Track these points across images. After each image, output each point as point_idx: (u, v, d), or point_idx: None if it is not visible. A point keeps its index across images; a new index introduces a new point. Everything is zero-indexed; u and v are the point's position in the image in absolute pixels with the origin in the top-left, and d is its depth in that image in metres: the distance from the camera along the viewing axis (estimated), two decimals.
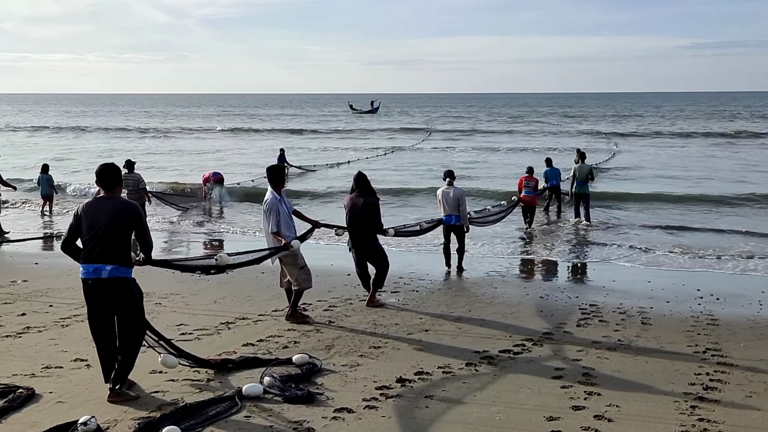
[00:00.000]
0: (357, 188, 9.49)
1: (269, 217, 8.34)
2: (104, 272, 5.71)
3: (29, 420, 5.50)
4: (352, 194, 9.56)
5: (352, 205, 9.44)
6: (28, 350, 7.34)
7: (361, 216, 9.33)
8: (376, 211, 9.43)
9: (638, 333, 8.22)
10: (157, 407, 5.72)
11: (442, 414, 5.71)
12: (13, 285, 10.60)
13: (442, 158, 34.99)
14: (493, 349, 7.47)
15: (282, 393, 5.97)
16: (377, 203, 9.51)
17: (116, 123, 70.68)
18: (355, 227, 9.42)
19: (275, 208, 8.33)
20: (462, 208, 11.77)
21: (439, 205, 12.05)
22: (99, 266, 5.70)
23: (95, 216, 5.71)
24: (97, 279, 5.71)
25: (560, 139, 46.87)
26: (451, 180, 11.90)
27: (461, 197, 11.83)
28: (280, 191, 8.51)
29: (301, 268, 8.47)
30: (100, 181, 5.84)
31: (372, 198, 9.44)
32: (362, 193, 9.42)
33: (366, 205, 9.32)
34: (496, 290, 10.58)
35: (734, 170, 29.00)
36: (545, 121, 69.75)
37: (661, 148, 40.01)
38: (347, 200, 9.60)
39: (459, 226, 11.88)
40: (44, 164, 19.90)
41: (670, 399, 6.08)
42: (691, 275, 11.89)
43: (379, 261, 9.51)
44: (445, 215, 11.92)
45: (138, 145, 45.98)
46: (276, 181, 8.54)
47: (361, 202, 9.35)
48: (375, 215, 9.39)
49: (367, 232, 9.41)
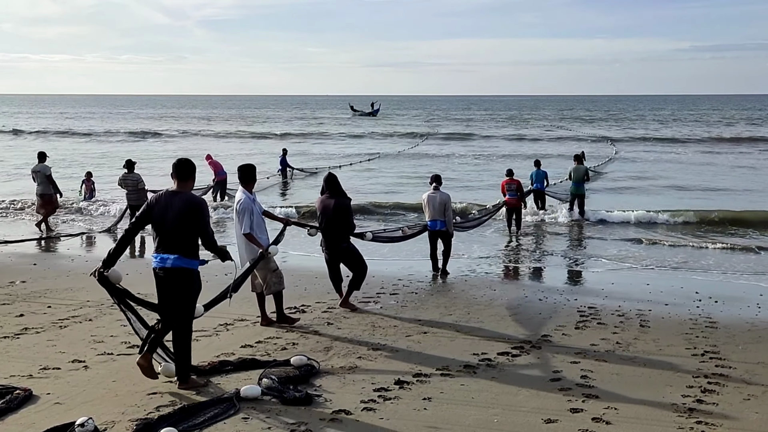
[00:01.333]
0: (328, 189, 9.29)
1: (243, 218, 8.08)
2: (168, 261, 6.05)
3: (27, 421, 5.50)
4: (323, 195, 9.38)
5: (323, 206, 9.28)
6: (25, 351, 7.33)
7: (333, 218, 9.16)
8: (348, 212, 9.28)
9: (636, 336, 8.22)
10: (155, 408, 5.72)
11: (441, 416, 5.71)
12: (12, 286, 10.59)
13: (431, 166, 34.43)
14: (492, 352, 7.47)
15: (280, 395, 5.97)
16: (348, 205, 9.34)
17: (114, 126, 69.95)
18: (328, 229, 9.25)
19: (249, 208, 8.08)
20: (448, 213, 11.67)
21: (425, 209, 11.88)
22: (165, 256, 6.06)
23: (165, 208, 6.05)
24: (163, 268, 6.08)
25: (564, 144, 44.73)
26: (437, 185, 11.73)
27: (447, 202, 11.69)
28: (252, 190, 8.32)
29: (273, 271, 8.32)
30: (176, 173, 6.21)
31: (343, 199, 9.26)
32: (333, 195, 9.24)
33: (337, 207, 9.15)
34: (494, 292, 10.58)
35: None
36: (553, 125, 68.55)
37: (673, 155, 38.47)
38: (318, 202, 9.44)
39: (445, 231, 11.77)
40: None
41: (668, 402, 6.08)
42: (689, 278, 11.89)
43: (355, 263, 9.35)
44: (430, 220, 11.77)
45: (137, 148, 45.85)
46: (248, 179, 8.30)
47: (332, 203, 9.17)
48: (347, 217, 9.24)
49: (340, 234, 9.25)
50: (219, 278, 9.19)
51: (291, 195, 24.17)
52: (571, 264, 13.32)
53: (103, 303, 9.43)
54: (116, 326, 8.29)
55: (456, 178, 27.17)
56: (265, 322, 8.43)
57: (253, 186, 8.37)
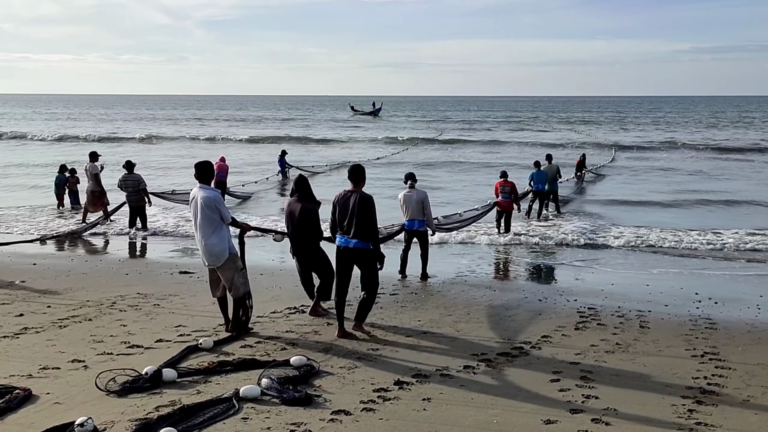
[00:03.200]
0: (297, 192, 8.90)
1: (224, 207, 7.75)
2: (351, 243, 7.81)
3: (26, 421, 5.49)
4: (292, 198, 8.99)
5: (290, 211, 8.89)
6: (25, 351, 7.33)
7: (299, 223, 8.77)
8: (315, 218, 8.80)
9: (636, 337, 8.22)
10: (154, 408, 5.71)
11: (440, 417, 5.71)
12: (11, 285, 10.60)
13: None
14: (491, 352, 7.47)
15: (279, 395, 5.97)
16: (316, 210, 8.85)
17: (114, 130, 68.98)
18: (295, 234, 8.87)
19: (221, 199, 7.80)
20: (426, 211, 11.41)
21: (402, 209, 11.59)
22: (349, 239, 7.83)
23: (345, 205, 7.86)
24: (346, 247, 7.85)
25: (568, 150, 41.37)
26: (412, 183, 11.49)
27: (425, 200, 11.41)
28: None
29: (240, 270, 7.95)
30: (351, 177, 8.03)
31: (310, 204, 8.81)
32: (301, 198, 8.83)
33: (303, 212, 8.74)
34: (494, 293, 10.58)
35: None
36: (555, 128, 66.63)
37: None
38: (286, 205, 9.06)
39: (423, 232, 11.48)
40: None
41: (667, 402, 6.08)
42: (689, 279, 11.89)
43: (322, 269, 8.89)
44: (407, 220, 11.49)
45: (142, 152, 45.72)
46: (207, 177, 7.87)
47: (299, 208, 8.77)
48: (313, 223, 8.78)
49: (308, 240, 8.86)
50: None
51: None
52: (570, 264, 13.30)
53: (103, 303, 9.45)
54: (116, 326, 8.29)
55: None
56: (229, 327, 8.08)
57: (211, 184, 7.95)
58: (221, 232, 7.76)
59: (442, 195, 22.37)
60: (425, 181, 22.44)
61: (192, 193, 7.92)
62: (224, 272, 7.86)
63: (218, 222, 7.73)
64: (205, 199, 7.69)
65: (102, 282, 10.93)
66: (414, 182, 11.50)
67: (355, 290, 8.53)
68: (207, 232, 7.73)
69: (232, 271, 7.86)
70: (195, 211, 7.79)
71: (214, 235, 7.73)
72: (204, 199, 7.69)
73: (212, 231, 7.72)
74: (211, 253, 7.77)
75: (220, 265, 7.81)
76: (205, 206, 7.67)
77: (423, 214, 11.35)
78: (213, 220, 7.70)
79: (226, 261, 7.80)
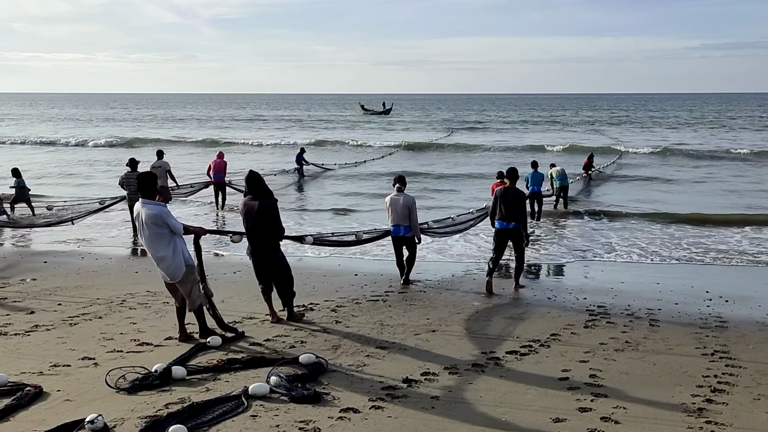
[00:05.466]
0: (250, 191, 8.41)
1: (172, 220, 7.32)
2: (401, 231, 10.68)
3: (37, 418, 5.53)
4: (245, 197, 8.49)
5: (246, 210, 8.35)
6: (36, 348, 7.38)
7: (257, 222, 8.23)
8: (274, 214, 8.29)
9: (646, 335, 8.19)
10: (164, 406, 5.74)
11: (449, 415, 5.71)
12: (23, 283, 10.67)
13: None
14: (500, 350, 7.46)
15: (288, 392, 5.98)
16: (275, 205, 8.35)
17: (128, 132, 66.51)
18: (254, 235, 8.34)
19: (168, 211, 7.38)
20: (413, 217, 10.74)
21: (388, 213, 11.00)
22: (509, 223, 10.45)
23: (505, 197, 10.41)
24: (507, 228, 10.45)
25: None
26: (401, 186, 10.82)
27: (412, 205, 10.75)
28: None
29: (197, 282, 7.60)
30: (509, 176, 10.70)
31: (268, 200, 8.29)
32: (257, 196, 8.31)
33: (262, 209, 8.21)
34: (503, 291, 10.56)
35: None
36: (568, 129, 60.28)
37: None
38: (241, 205, 8.53)
39: (410, 238, 10.85)
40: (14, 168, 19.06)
41: (677, 401, 6.06)
42: (700, 277, 11.82)
43: (280, 276, 8.46)
44: (393, 225, 10.84)
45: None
46: (150, 189, 7.36)
47: (256, 205, 8.23)
48: (273, 219, 8.27)
49: (268, 241, 8.34)
50: (227, 277, 9.22)
51: (304, 196, 23.81)
52: (580, 263, 13.26)
53: (113, 301, 9.50)
54: (126, 324, 8.34)
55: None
56: (184, 337, 7.69)
57: (155, 196, 7.43)
58: (175, 246, 7.35)
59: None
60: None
61: (135, 208, 7.49)
62: (182, 285, 7.50)
63: (169, 236, 7.31)
64: (150, 216, 7.23)
65: (112, 280, 10.99)
66: (403, 186, 10.91)
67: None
68: (159, 248, 7.32)
69: (189, 284, 7.50)
70: (141, 227, 7.35)
71: (168, 251, 7.31)
72: (149, 217, 7.23)
73: (164, 246, 7.31)
74: (167, 271, 7.40)
75: (179, 280, 7.45)
76: (152, 223, 7.23)
77: (409, 220, 10.76)
78: (163, 236, 7.28)
79: (184, 274, 7.43)
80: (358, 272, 11.60)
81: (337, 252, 12.77)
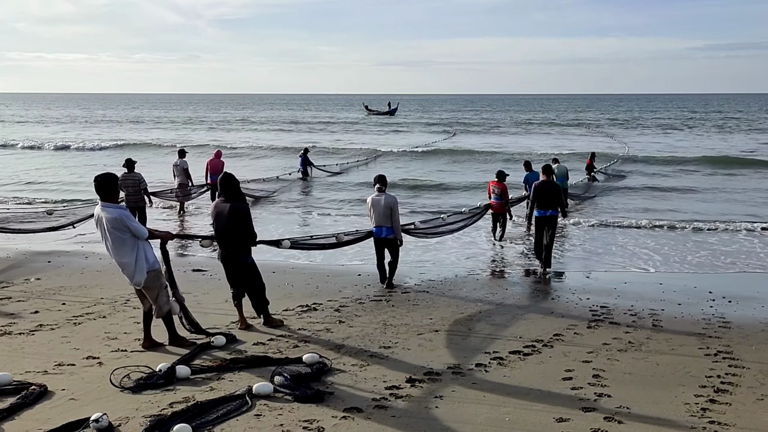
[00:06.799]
0: (222, 192, 8.16)
1: (135, 223, 7.12)
2: (383, 232, 10.51)
3: (42, 417, 5.55)
4: (217, 199, 8.27)
5: (217, 213, 8.10)
6: (40, 348, 7.41)
7: (228, 226, 7.98)
8: (246, 218, 8.02)
9: (649, 335, 8.20)
10: (168, 405, 5.76)
11: (452, 414, 5.72)
12: (27, 283, 10.69)
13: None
14: (503, 350, 7.47)
15: (292, 392, 6.00)
16: (246, 209, 8.13)
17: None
18: (224, 239, 8.09)
19: (130, 215, 7.18)
20: (395, 218, 10.49)
21: (369, 214, 10.81)
22: (553, 212, 11.91)
23: (545, 189, 11.84)
24: (552, 215, 11.86)
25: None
26: (381, 186, 10.56)
27: (394, 205, 10.48)
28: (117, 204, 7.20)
29: (164, 288, 7.37)
30: (546, 171, 12.10)
31: (239, 203, 8.06)
32: (228, 198, 8.06)
33: (233, 213, 7.95)
34: (506, 291, 10.58)
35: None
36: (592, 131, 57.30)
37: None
38: (212, 207, 8.34)
39: (392, 240, 10.59)
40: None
41: (680, 401, 6.07)
42: (703, 277, 11.82)
43: (250, 282, 8.24)
44: (375, 227, 10.60)
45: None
46: (111, 192, 7.10)
47: (227, 208, 7.98)
48: (245, 223, 8.00)
49: (239, 246, 8.09)
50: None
51: (310, 198, 23.18)
52: (583, 263, 13.26)
53: (117, 300, 9.53)
54: (130, 323, 8.35)
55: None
56: (148, 344, 7.44)
57: (116, 200, 7.20)
58: (138, 251, 7.07)
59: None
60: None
61: (95, 212, 7.19)
62: (148, 291, 7.26)
63: (132, 241, 7.04)
64: (111, 220, 6.96)
65: (116, 280, 10.96)
66: (384, 186, 10.63)
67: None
68: (122, 253, 7.06)
69: (156, 290, 7.26)
70: (103, 233, 7.09)
71: (132, 257, 7.05)
72: (110, 221, 6.96)
73: (128, 252, 7.05)
74: (130, 277, 7.15)
75: (143, 285, 7.20)
76: (113, 228, 6.97)
77: (391, 221, 10.50)
78: (125, 241, 7.02)
79: (150, 280, 7.16)
80: (362, 272, 11.62)
81: (338, 251, 12.72)
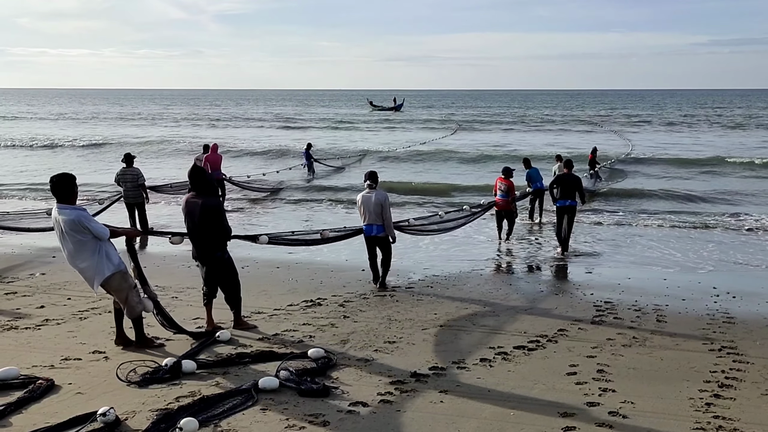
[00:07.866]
0: (193, 187, 7.88)
1: (94, 224, 6.79)
2: (374, 230, 10.29)
3: (49, 410, 5.59)
4: (188, 194, 7.97)
5: (188, 209, 7.82)
6: (47, 342, 7.44)
7: (200, 222, 7.73)
8: (219, 214, 7.80)
9: (653, 330, 8.20)
10: (174, 399, 5.79)
11: (457, 409, 5.74)
12: (32, 278, 10.74)
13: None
14: (508, 345, 7.48)
15: (297, 387, 6.02)
16: (219, 205, 7.93)
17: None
18: (196, 236, 7.84)
19: (89, 215, 6.87)
20: (386, 215, 10.23)
21: (359, 212, 10.55)
22: (573, 202, 13.29)
23: (567, 180, 13.25)
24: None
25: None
26: (372, 183, 10.32)
27: (384, 202, 10.21)
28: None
29: (133, 288, 7.10)
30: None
31: (211, 199, 7.83)
32: (200, 194, 7.79)
33: (205, 209, 7.70)
34: (510, 287, 10.59)
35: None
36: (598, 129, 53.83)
37: None
38: (183, 202, 8.04)
39: (383, 238, 10.37)
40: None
41: (685, 396, 6.08)
42: (707, 273, 11.80)
43: (225, 278, 8.00)
44: (365, 224, 10.36)
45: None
46: (68, 193, 6.78)
47: (199, 204, 7.73)
48: (217, 219, 7.76)
49: (213, 242, 7.83)
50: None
51: (314, 193, 23.03)
52: (587, 259, 13.26)
53: None
54: None
55: None
56: (121, 342, 7.30)
57: (74, 200, 6.85)
58: (100, 253, 6.77)
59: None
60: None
61: (52, 214, 6.88)
62: (117, 294, 7.02)
63: (93, 243, 6.73)
64: (69, 222, 6.65)
65: None
66: (375, 182, 10.37)
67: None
68: (82, 257, 6.76)
69: (125, 291, 6.99)
70: (61, 236, 6.78)
71: (93, 259, 6.76)
72: (67, 223, 6.65)
73: (89, 255, 6.75)
74: (91, 281, 6.85)
75: (107, 286, 6.93)
76: (72, 231, 6.66)
77: (382, 218, 10.27)
78: (85, 243, 6.72)
79: (114, 281, 6.89)
80: (365, 268, 11.62)
81: (342, 246, 12.76)
